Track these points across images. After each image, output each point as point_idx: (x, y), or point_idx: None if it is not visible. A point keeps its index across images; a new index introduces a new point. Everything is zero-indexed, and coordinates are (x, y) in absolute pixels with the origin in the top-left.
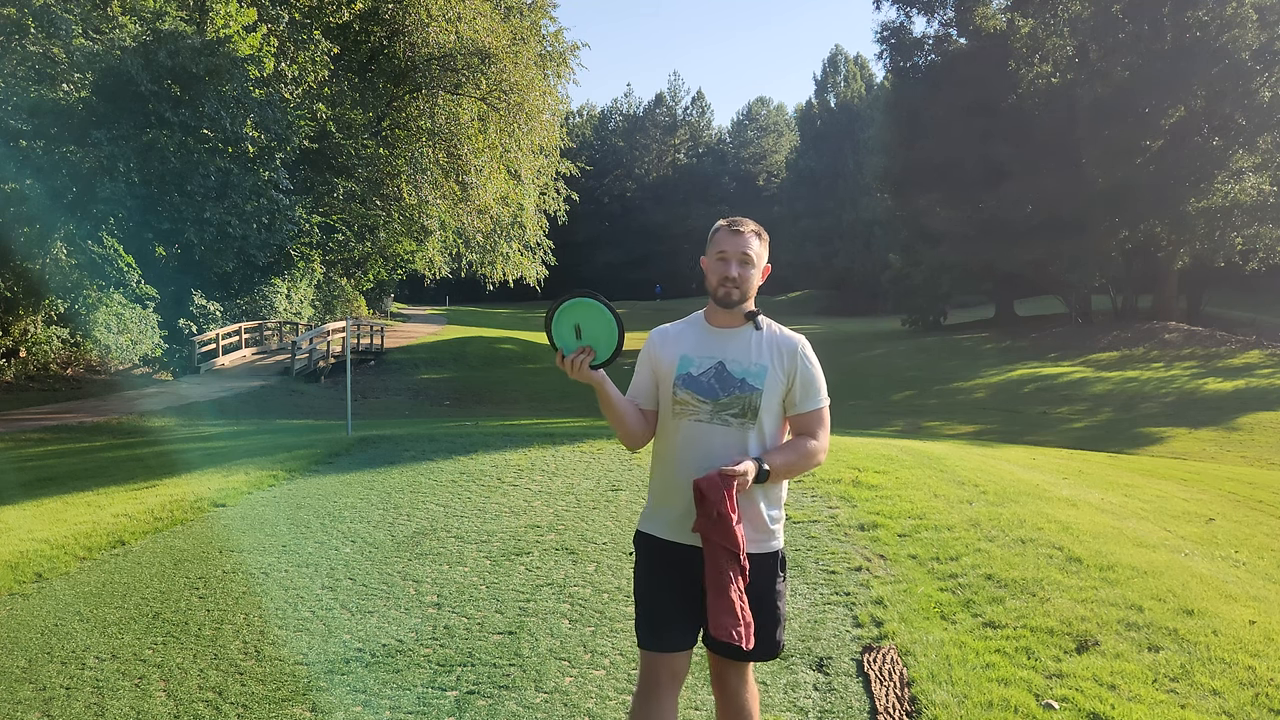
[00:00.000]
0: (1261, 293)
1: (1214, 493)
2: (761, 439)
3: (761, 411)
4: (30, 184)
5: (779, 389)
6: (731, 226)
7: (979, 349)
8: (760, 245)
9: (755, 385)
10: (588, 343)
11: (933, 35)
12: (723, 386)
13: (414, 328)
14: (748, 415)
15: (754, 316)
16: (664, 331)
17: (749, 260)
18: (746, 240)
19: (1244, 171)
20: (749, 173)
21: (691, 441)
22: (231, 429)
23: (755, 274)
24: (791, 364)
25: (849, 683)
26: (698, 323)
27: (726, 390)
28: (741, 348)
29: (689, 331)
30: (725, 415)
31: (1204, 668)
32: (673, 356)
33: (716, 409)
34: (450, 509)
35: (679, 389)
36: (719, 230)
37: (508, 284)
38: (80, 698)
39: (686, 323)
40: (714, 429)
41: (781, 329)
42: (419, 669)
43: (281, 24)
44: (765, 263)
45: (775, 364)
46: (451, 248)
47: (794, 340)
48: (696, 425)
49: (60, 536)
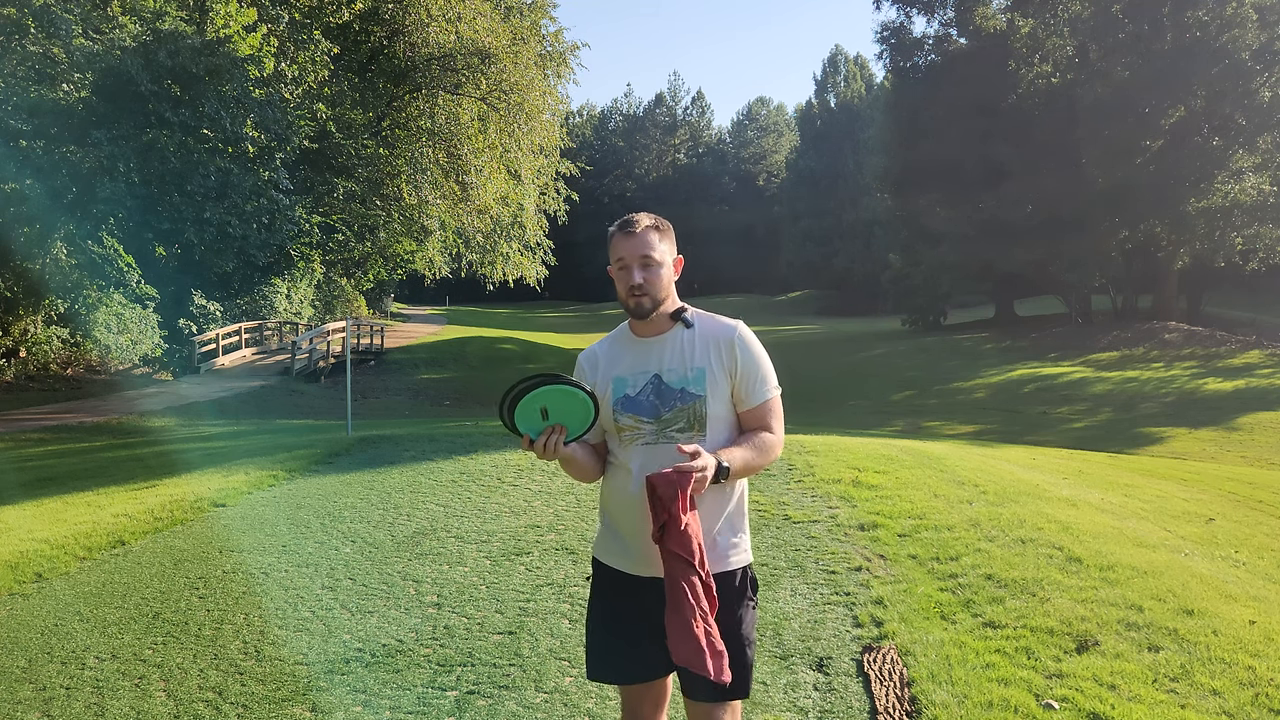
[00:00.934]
0: (1261, 293)
1: (1214, 493)
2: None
3: (709, 420)
4: (30, 184)
5: (723, 389)
6: (624, 228)
7: (979, 349)
8: (661, 239)
9: (696, 392)
10: (557, 421)
11: (933, 35)
12: (663, 401)
13: (414, 328)
14: (695, 427)
15: (681, 314)
16: (592, 355)
17: (651, 261)
18: (643, 240)
19: (1244, 171)
20: (749, 173)
21: (641, 465)
22: (231, 429)
23: (664, 272)
24: (730, 357)
25: (849, 683)
26: (624, 337)
27: (667, 405)
28: (674, 354)
29: (617, 349)
30: (670, 432)
31: (1204, 668)
32: (605, 381)
33: (660, 427)
34: (450, 509)
35: (619, 414)
36: (612, 235)
37: (508, 284)
38: (80, 698)
39: (612, 339)
40: (661, 449)
41: (714, 318)
42: (419, 669)
43: (281, 24)
44: (674, 255)
45: (713, 362)
46: (451, 248)
47: (729, 328)
48: (645, 449)
49: (60, 536)
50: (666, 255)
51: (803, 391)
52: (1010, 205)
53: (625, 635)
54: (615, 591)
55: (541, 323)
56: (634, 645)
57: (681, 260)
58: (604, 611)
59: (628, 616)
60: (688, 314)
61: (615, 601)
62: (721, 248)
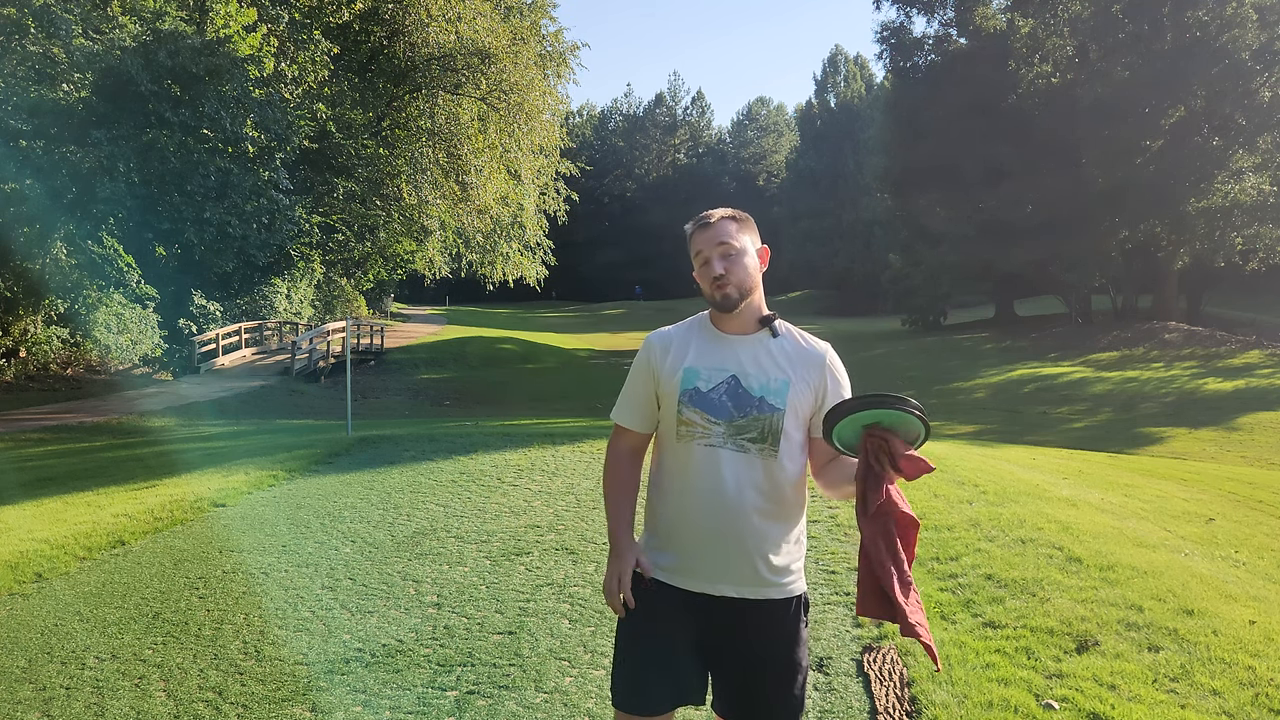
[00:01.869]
0: (1261, 293)
1: (1214, 493)
2: (784, 469)
3: (784, 435)
4: (30, 184)
5: (805, 409)
6: (699, 223)
7: (979, 349)
8: (740, 228)
9: (776, 404)
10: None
11: (933, 35)
12: (738, 405)
13: (414, 328)
14: (768, 440)
15: (770, 322)
16: (664, 336)
17: (731, 249)
18: (721, 229)
19: (1244, 171)
20: (749, 173)
21: (703, 469)
22: (231, 429)
23: (749, 261)
24: (820, 379)
25: (849, 683)
26: (703, 327)
27: (743, 410)
28: (758, 358)
29: (693, 338)
30: (741, 440)
31: (1204, 668)
32: (675, 369)
33: (731, 431)
34: (450, 509)
35: (685, 407)
36: (689, 233)
37: (508, 284)
38: (80, 698)
39: (689, 327)
40: (728, 455)
41: (804, 335)
42: (419, 669)
43: (281, 24)
44: (758, 245)
45: (800, 378)
46: (451, 248)
47: (820, 350)
48: (708, 450)
49: (60, 536)
50: (749, 244)
51: None
52: (1010, 205)
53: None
54: (666, 609)
55: (541, 323)
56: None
57: (768, 250)
58: (649, 633)
59: (676, 638)
60: (777, 323)
61: (664, 622)
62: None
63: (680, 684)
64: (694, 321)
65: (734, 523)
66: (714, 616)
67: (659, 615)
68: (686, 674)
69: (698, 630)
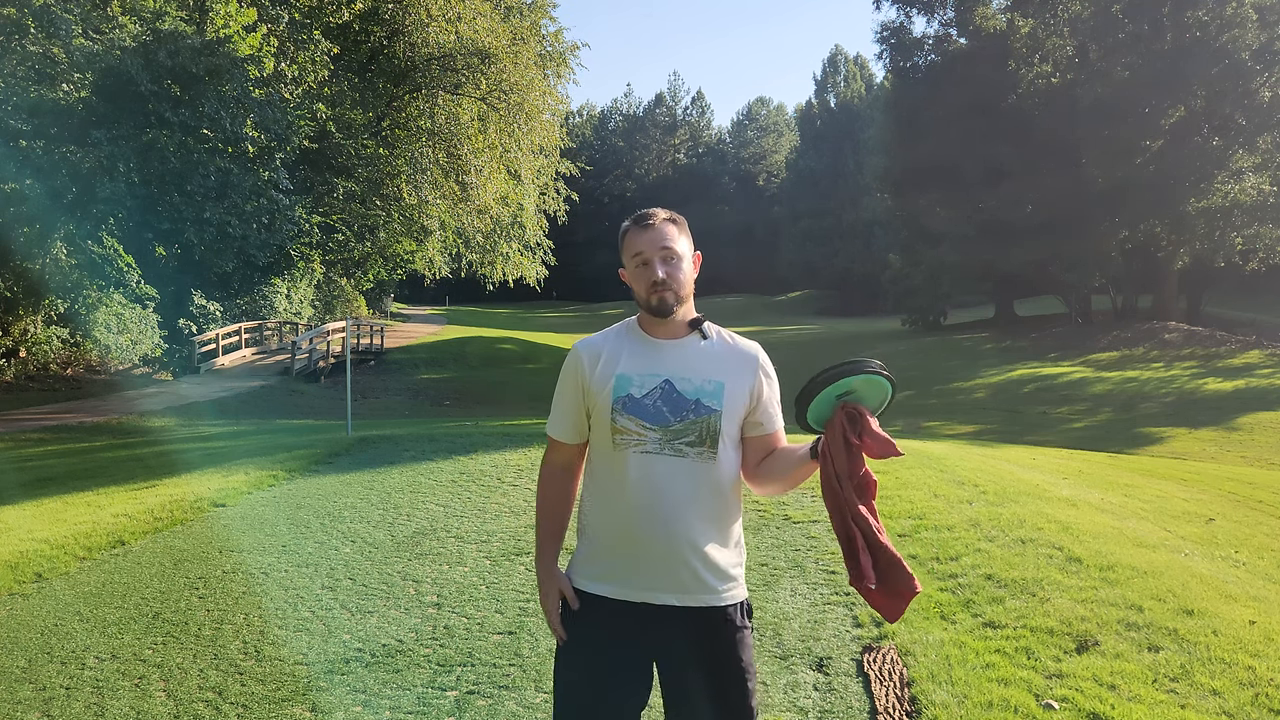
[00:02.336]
0: (1261, 293)
1: (1214, 493)
2: (722, 472)
3: (721, 436)
4: (30, 184)
5: (740, 410)
6: (639, 222)
7: (979, 349)
8: (679, 232)
9: (713, 406)
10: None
11: (933, 35)
12: (673, 410)
13: (414, 328)
14: (706, 443)
15: (699, 324)
16: (592, 345)
17: (672, 254)
18: (663, 232)
19: (1244, 171)
20: (749, 173)
21: (641, 476)
22: (231, 429)
23: (686, 267)
24: (754, 380)
25: (849, 683)
26: (631, 333)
27: (679, 414)
28: (690, 361)
29: (622, 344)
30: (679, 444)
31: (1204, 668)
32: (606, 377)
33: (668, 437)
34: (450, 509)
35: (619, 415)
36: (626, 231)
37: (508, 284)
38: (80, 698)
39: (617, 334)
40: (665, 461)
41: (734, 336)
42: (419, 669)
43: (281, 24)
44: (693, 251)
45: (734, 380)
46: (451, 248)
47: (752, 351)
48: (644, 457)
49: (60, 536)
50: (687, 250)
51: None
52: (1010, 205)
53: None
54: (606, 622)
55: (541, 323)
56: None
57: (700, 257)
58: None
59: (618, 650)
60: (706, 325)
61: (606, 634)
62: (721, 248)
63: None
64: (621, 328)
65: (674, 530)
66: (657, 627)
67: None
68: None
69: (641, 643)
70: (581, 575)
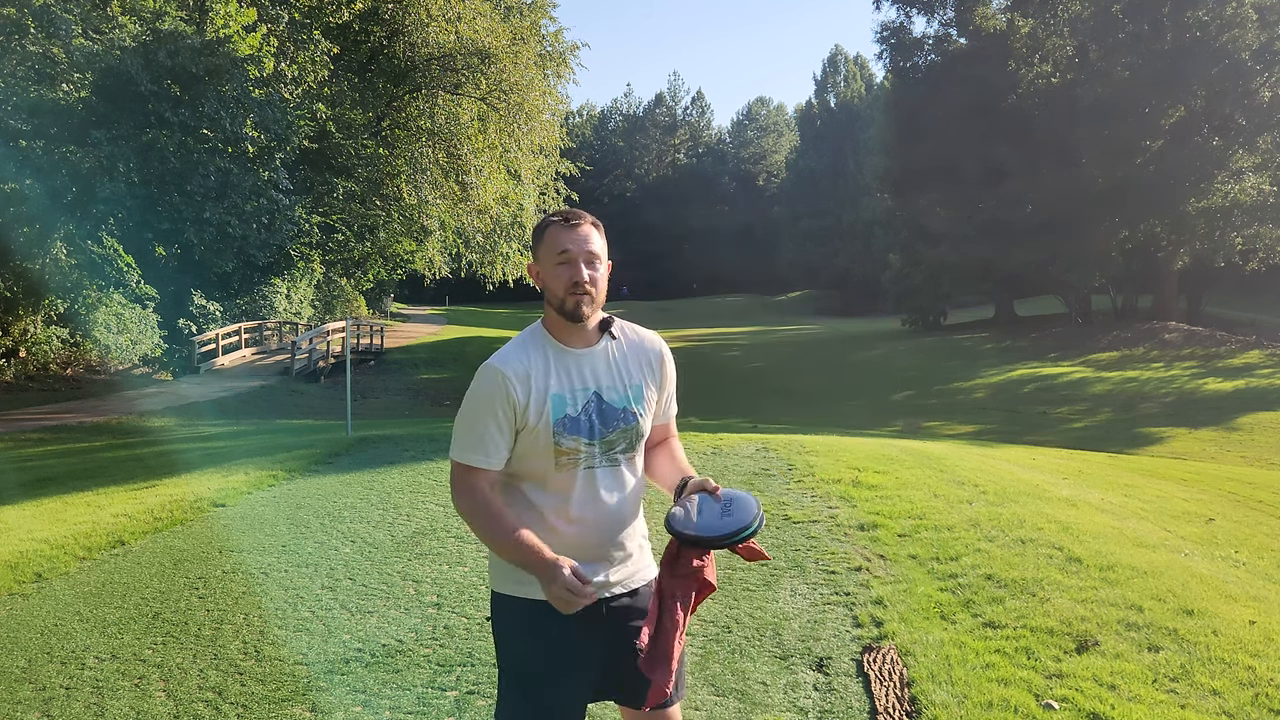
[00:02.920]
0: (1261, 293)
1: (1214, 493)
2: (639, 467)
3: (640, 438)
4: (30, 184)
5: (653, 407)
6: (568, 221)
7: (979, 349)
8: (602, 239)
9: (638, 411)
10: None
11: (933, 35)
12: (605, 422)
13: (414, 328)
14: (633, 448)
15: (609, 326)
16: (514, 364)
17: (596, 258)
18: (588, 235)
19: (1244, 171)
20: (749, 173)
21: (586, 493)
22: (231, 429)
23: (604, 274)
24: (661, 372)
25: (849, 683)
26: (547, 344)
27: (610, 425)
28: (609, 369)
29: (542, 359)
30: (613, 454)
31: (1204, 668)
32: (541, 398)
33: (602, 449)
34: (450, 509)
35: (561, 436)
36: (551, 227)
37: (508, 284)
38: (80, 698)
39: (530, 347)
40: (602, 473)
41: (635, 329)
42: (419, 669)
43: (281, 24)
44: (607, 258)
45: (646, 378)
46: (451, 248)
47: (657, 341)
48: (588, 473)
49: (60, 536)
50: (605, 255)
51: (802, 391)
52: (1010, 205)
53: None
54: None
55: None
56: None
57: (611, 265)
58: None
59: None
60: (614, 325)
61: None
62: (721, 248)
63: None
64: (530, 340)
65: (619, 533)
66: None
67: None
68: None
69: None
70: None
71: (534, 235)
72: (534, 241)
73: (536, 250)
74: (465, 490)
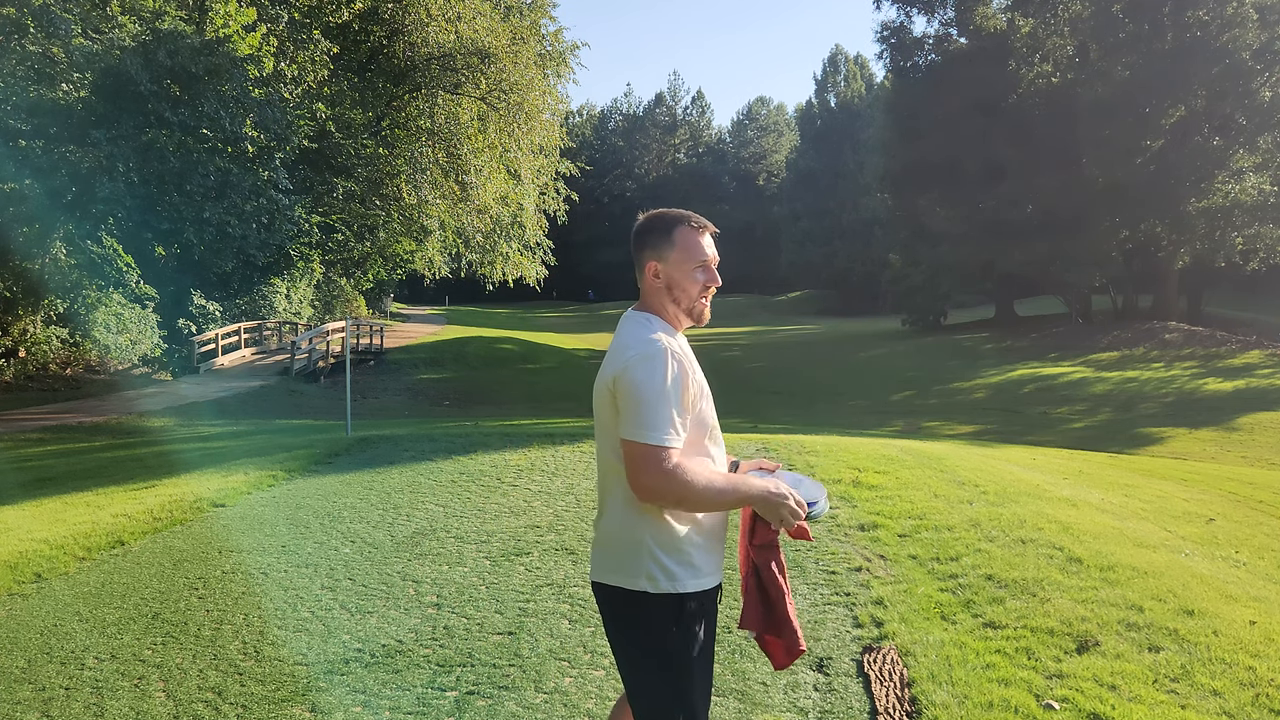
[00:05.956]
0: (1261, 293)
1: (1214, 493)
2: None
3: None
4: (30, 184)
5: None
6: (694, 224)
7: (979, 349)
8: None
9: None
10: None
11: (933, 35)
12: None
13: (414, 328)
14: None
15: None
16: (679, 350)
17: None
18: (712, 243)
19: (1244, 171)
20: (749, 173)
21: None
22: (231, 429)
23: None
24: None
25: (849, 683)
26: (676, 335)
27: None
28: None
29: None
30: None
31: (1204, 668)
32: (699, 380)
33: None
34: (450, 509)
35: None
36: (681, 227)
37: (508, 284)
38: (80, 698)
39: (669, 333)
40: (717, 451)
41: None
42: (419, 669)
43: (281, 24)
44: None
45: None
46: (451, 248)
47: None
48: (717, 450)
49: (60, 536)
50: None
51: (802, 391)
52: (1010, 205)
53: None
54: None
55: (541, 323)
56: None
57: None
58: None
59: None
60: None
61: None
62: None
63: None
64: (665, 329)
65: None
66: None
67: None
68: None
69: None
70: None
71: (655, 232)
72: (656, 239)
73: (662, 250)
74: (668, 471)
